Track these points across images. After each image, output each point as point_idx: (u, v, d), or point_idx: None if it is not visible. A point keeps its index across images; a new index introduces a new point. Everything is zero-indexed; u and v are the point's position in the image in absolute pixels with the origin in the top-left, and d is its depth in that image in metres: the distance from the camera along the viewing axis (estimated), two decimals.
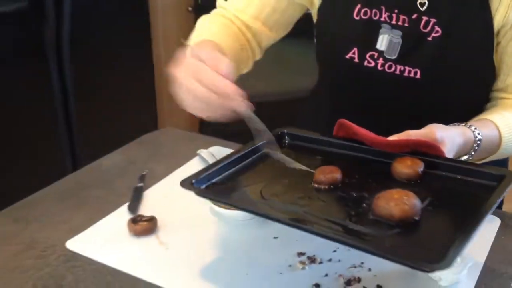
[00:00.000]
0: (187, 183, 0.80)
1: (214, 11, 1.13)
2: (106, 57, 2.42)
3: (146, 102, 2.64)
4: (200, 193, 0.81)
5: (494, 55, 0.96)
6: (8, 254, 0.88)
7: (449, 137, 0.85)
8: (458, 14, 0.93)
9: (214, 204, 0.95)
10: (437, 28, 0.94)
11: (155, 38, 2.62)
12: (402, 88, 0.98)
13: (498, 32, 0.95)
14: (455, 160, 0.86)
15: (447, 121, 0.89)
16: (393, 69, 0.97)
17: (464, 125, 0.91)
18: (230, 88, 0.78)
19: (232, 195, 0.82)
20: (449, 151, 0.84)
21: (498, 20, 0.93)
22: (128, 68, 2.50)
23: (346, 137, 0.91)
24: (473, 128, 0.90)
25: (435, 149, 0.83)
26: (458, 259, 0.77)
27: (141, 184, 1.05)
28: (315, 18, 1.09)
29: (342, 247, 0.87)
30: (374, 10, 0.97)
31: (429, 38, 0.95)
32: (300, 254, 0.87)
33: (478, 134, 0.90)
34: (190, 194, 1.00)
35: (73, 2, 2.16)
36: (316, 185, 0.82)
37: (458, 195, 0.79)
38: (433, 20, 0.94)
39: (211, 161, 1.11)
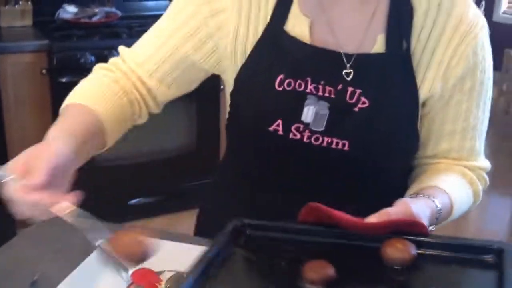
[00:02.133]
0: None
1: (110, 61, 1.03)
2: None
3: None
4: None
5: (418, 125, 0.97)
6: None
7: (422, 211, 0.84)
8: (384, 84, 0.93)
9: None
10: (363, 99, 0.93)
11: (6, 104, 2.38)
12: (330, 160, 0.95)
13: (424, 103, 0.96)
14: (445, 238, 0.83)
15: (378, 192, 0.88)
16: (320, 141, 0.94)
17: (424, 196, 0.90)
18: (43, 199, 0.75)
19: None
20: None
21: (424, 91, 0.94)
22: None
23: (317, 222, 0.84)
24: (432, 198, 0.89)
25: (418, 226, 0.80)
26: None
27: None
28: (228, 86, 1.03)
29: None
30: (298, 81, 0.94)
31: (356, 109, 0.93)
32: None
33: (439, 204, 0.90)
34: None
35: None
36: (308, 286, 0.73)
37: (460, 278, 0.77)
38: (358, 91, 0.93)
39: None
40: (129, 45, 1.06)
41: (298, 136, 0.94)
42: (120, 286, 0.90)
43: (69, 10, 2.80)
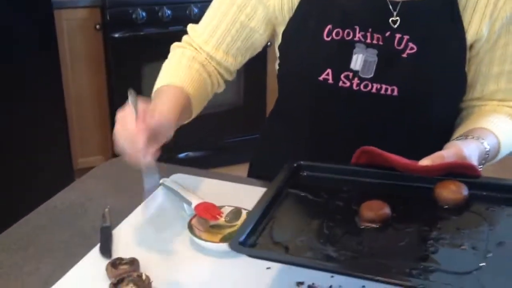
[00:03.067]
0: (235, 246, 0.73)
1: (183, 39, 1.12)
2: (12, 85, 2.27)
3: (56, 129, 2.49)
4: (254, 255, 0.74)
5: (466, 68, 0.99)
6: None
7: (473, 153, 0.87)
8: (431, 30, 0.95)
9: (195, 237, 0.91)
10: (411, 44, 0.95)
11: (62, 59, 2.47)
12: (379, 106, 0.98)
13: (472, 45, 0.98)
14: (494, 179, 0.86)
15: (427, 136, 0.91)
16: (369, 88, 0.97)
17: (473, 138, 0.93)
18: (139, 144, 0.83)
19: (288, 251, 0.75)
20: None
21: (471, 34, 0.96)
22: (35, 95, 2.36)
23: (370, 164, 0.89)
24: (481, 140, 0.93)
25: (472, 169, 0.84)
26: None
27: (107, 224, 0.97)
28: (277, 41, 1.08)
29: None
30: (347, 30, 0.97)
31: (404, 55, 0.96)
32: (299, 283, 0.84)
33: (487, 145, 0.93)
34: (165, 229, 0.95)
35: None
36: (367, 224, 0.78)
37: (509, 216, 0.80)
38: (406, 37, 0.95)
39: (177, 189, 1.05)
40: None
41: (348, 83, 0.98)
42: (184, 218, 0.96)
43: None
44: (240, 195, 1.05)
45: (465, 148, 0.88)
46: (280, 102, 1.16)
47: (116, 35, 2.56)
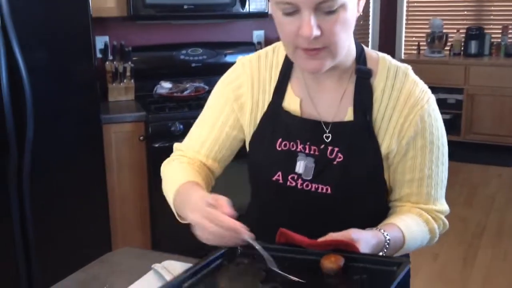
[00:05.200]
0: None
1: (173, 156, 1.39)
2: (64, 188, 2.61)
3: (100, 227, 2.80)
4: None
5: (385, 175, 1.23)
6: None
7: (363, 238, 1.08)
8: (354, 144, 1.21)
9: None
10: (339, 154, 1.21)
11: (108, 165, 2.84)
12: (318, 201, 1.23)
13: (387, 157, 1.22)
14: (364, 254, 1.07)
15: (356, 226, 1.13)
16: (309, 187, 1.23)
17: (376, 229, 1.15)
18: (235, 224, 1.06)
19: None
20: (363, 249, 1.07)
21: (384, 148, 1.21)
22: (83, 195, 2.69)
23: (287, 242, 1.12)
24: (382, 231, 1.14)
25: (351, 247, 1.06)
26: None
27: None
28: (248, 148, 1.36)
29: None
30: (292, 143, 1.25)
31: (335, 163, 1.22)
32: None
33: (387, 235, 1.13)
34: None
35: (34, 137, 2.39)
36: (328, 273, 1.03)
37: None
38: (336, 149, 1.22)
39: (164, 274, 1.29)
40: None
41: (294, 183, 1.24)
42: None
43: (165, 86, 3.28)
44: None
45: (354, 233, 1.08)
46: (251, 196, 1.43)
47: (157, 145, 2.92)
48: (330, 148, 1.22)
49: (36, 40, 2.43)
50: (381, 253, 1.12)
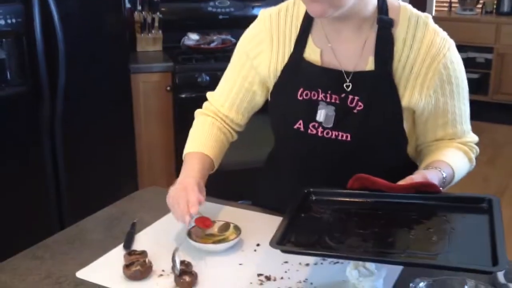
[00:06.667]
0: (273, 244, 1.02)
1: (203, 108, 1.49)
2: (94, 133, 2.70)
3: (128, 171, 2.91)
4: (285, 251, 1.04)
5: (404, 125, 1.28)
6: (30, 283, 1.12)
7: (434, 178, 1.17)
8: (374, 94, 1.25)
9: (191, 240, 1.22)
10: (360, 103, 1.25)
11: (136, 114, 2.92)
12: (338, 149, 1.28)
13: (409, 107, 1.26)
14: (450, 193, 1.20)
15: (376, 173, 1.19)
16: (330, 135, 1.28)
17: (433, 168, 1.23)
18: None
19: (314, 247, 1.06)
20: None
21: (406, 98, 1.25)
22: (112, 141, 2.79)
23: (361, 187, 1.19)
24: (439, 169, 1.22)
25: (434, 187, 1.16)
26: (375, 270, 1.04)
27: (132, 229, 1.31)
28: (269, 99, 1.41)
29: (292, 268, 1.14)
30: (313, 92, 1.29)
31: (355, 111, 1.26)
32: (259, 274, 1.13)
33: (443, 173, 1.22)
34: (172, 235, 1.27)
35: (65, 84, 2.47)
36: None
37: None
38: (356, 98, 1.26)
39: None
40: None
41: (314, 131, 1.29)
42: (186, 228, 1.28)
43: (192, 38, 3.31)
44: (234, 215, 1.36)
45: (428, 174, 1.18)
46: (274, 143, 1.49)
47: (183, 96, 2.99)
48: (350, 97, 1.26)
49: None
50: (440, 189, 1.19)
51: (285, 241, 1.05)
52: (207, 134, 1.41)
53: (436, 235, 1.07)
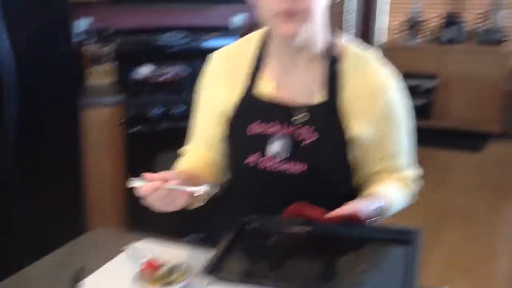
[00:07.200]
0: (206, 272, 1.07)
1: (181, 157, 1.49)
2: (41, 170, 2.63)
3: (77, 209, 2.83)
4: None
5: (350, 156, 1.32)
6: None
7: (365, 208, 1.21)
8: (325, 125, 1.30)
9: (139, 284, 1.23)
10: (311, 135, 1.30)
11: (86, 149, 2.87)
12: (291, 182, 1.31)
13: (356, 138, 1.30)
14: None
15: (328, 204, 1.23)
16: (283, 167, 1.31)
17: (369, 198, 1.27)
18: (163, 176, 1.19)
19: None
20: (364, 217, 1.21)
21: (353, 130, 1.30)
22: (61, 178, 2.72)
23: (296, 216, 1.23)
24: (374, 199, 1.26)
25: (356, 219, 1.19)
26: None
27: (79, 275, 1.30)
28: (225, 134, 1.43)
29: None
30: (266, 125, 1.32)
31: (307, 143, 1.30)
32: None
33: (377, 203, 1.25)
34: (123, 277, 1.27)
35: (14, 118, 2.41)
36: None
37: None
38: (308, 130, 1.30)
39: (136, 253, 1.38)
40: (189, 99, 1.55)
41: (268, 164, 1.32)
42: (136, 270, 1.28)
43: (145, 70, 3.31)
44: (186, 254, 1.37)
45: (359, 205, 1.22)
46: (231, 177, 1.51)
47: (135, 129, 2.96)
48: (302, 129, 1.30)
49: (19, 19, 2.44)
50: (374, 218, 1.23)
51: (217, 270, 1.09)
52: (195, 163, 1.42)
53: (359, 267, 1.14)
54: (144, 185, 1.19)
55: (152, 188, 1.17)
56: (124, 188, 3.02)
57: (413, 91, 5.78)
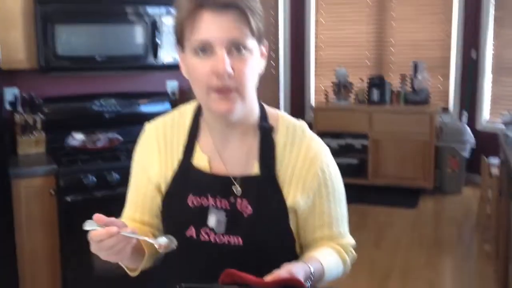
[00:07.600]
0: None
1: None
2: None
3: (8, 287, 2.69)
4: None
5: (291, 225, 1.32)
6: None
7: (299, 272, 1.18)
8: (261, 197, 1.30)
9: None
10: (249, 207, 1.29)
11: (18, 222, 2.75)
12: (230, 254, 1.29)
13: (293, 208, 1.31)
14: None
15: (268, 272, 1.20)
16: (222, 240, 1.30)
17: (302, 263, 1.24)
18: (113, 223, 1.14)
19: None
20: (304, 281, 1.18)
21: (289, 202, 1.31)
22: None
23: (232, 282, 1.18)
24: (308, 264, 1.23)
25: (298, 282, 1.16)
26: None
27: None
28: (161, 207, 1.40)
29: None
30: (203, 198, 1.31)
31: (245, 215, 1.29)
32: None
33: (311, 267, 1.23)
34: None
35: None
36: None
37: None
38: (245, 202, 1.29)
39: None
40: (127, 165, 1.50)
41: (207, 237, 1.30)
42: None
43: (77, 138, 3.23)
44: None
45: (293, 268, 1.19)
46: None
47: (69, 199, 2.87)
48: (239, 201, 1.30)
49: None
50: (311, 282, 1.21)
51: None
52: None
53: None
54: (99, 229, 1.13)
55: (107, 233, 1.12)
56: (59, 261, 2.88)
57: (348, 150, 6.05)
